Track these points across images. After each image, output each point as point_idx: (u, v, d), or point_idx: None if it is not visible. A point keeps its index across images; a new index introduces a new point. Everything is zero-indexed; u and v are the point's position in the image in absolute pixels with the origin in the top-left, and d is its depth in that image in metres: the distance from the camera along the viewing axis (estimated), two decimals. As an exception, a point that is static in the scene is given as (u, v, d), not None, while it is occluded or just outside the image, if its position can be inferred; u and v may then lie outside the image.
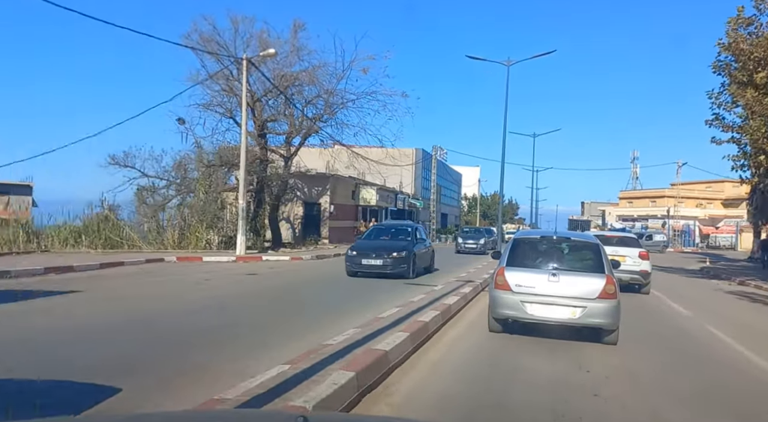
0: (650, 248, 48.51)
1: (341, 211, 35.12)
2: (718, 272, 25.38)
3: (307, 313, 10.18)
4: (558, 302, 7.91)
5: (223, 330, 8.26)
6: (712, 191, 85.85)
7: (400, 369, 6.39)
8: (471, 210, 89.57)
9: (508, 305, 8.15)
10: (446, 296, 11.14)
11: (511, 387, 6.03)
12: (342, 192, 35.64)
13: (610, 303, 7.80)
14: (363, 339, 6.76)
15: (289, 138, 29.59)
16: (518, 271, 8.24)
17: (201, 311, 9.95)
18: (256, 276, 15.87)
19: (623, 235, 17.90)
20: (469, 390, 5.93)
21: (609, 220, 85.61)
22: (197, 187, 24.44)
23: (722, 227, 68.64)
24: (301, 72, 27.38)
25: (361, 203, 38.50)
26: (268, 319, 9.26)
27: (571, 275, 8.08)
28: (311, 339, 7.06)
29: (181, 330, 8.23)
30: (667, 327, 10.50)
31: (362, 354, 5.91)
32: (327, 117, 29.37)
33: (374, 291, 13.23)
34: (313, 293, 13.36)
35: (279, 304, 11.38)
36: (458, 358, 7.30)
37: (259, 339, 7.59)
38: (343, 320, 8.74)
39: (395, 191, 45.09)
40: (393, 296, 12.00)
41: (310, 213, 33.80)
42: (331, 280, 15.77)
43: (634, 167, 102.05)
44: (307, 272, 17.94)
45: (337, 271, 16.99)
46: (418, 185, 56.23)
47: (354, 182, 37.97)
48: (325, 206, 33.73)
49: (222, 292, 12.65)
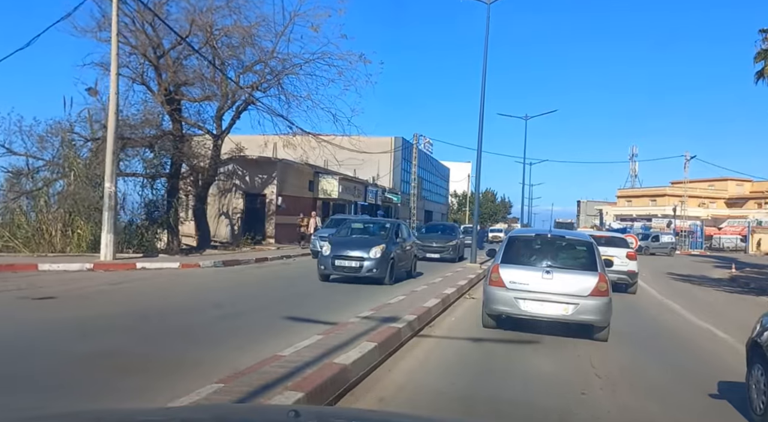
0: (657, 250, 43.58)
1: (293, 204, 29.13)
2: (761, 283, 19.59)
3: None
4: (551, 299, 8.06)
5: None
6: (714, 190, 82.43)
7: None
8: (461, 208, 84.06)
9: (501, 301, 8.31)
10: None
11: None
12: (295, 182, 29.64)
13: (602, 301, 7.94)
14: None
15: (221, 112, 23.67)
16: (512, 268, 8.39)
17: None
18: (50, 303, 9.56)
19: (611, 235, 18.25)
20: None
21: (607, 220, 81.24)
22: (69, 167, 18.42)
23: (726, 228, 64.62)
24: (234, 27, 21.46)
25: (321, 195, 32.51)
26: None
27: (565, 272, 8.26)
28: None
29: None
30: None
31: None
32: (267, 85, 23.50)
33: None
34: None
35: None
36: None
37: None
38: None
39: (365, 182, 39.06)
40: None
41: (252, 206, 27.85)
42: (180, 310, 9.76)
43: (632, 164, 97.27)
44: (166, 296, 11.92)
45: (225, 289, 11.20)
46: (396, 178, 50.30)
47: (312, 171, 31.99)
48: (271, 198, 27.77)
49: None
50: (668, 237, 46.45)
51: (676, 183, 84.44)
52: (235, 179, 27.21)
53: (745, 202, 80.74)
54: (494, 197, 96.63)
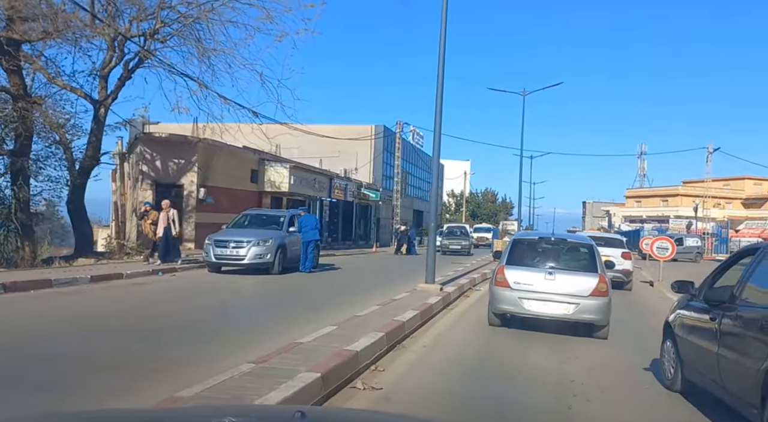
0: (681, 255, 36.36)
1: (227, 198, 22.72)
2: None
3: None
4: (553, 298, 8.44)
5: None
6: (731, 190, 77.59)
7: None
8: (459, 208, 77.95)
9: (506, 301, 8.69)
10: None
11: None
12: (226, 170, 23.17)
13: (602, 300, 8.29)
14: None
15: (106, 69, 17.38)
16: (517, 269, 8.75)
17: None
18: None
19: (609, 236, 19.88)
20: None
21: (615, 221, 75.71)
22: None
23: (743, 230, 59.05)
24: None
25: (268, 188, 26.05)
26: None
27: (566, 273, 8.64)
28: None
29: None
30: None
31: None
32: (170, 33, 17.20)
33: None
34: None
35: None
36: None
37: None
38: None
39: (331, 174, 32.56)
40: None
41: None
42: None
43: (641, 162, 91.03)
44: None
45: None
46: (377, 172, 43.81)
47: (256, 158, 25.60)
48: (190, 190, 21.39)
49: None
50: (693, 241, 39.92)
51: (688, 182, 79.36)
52: (141, 165, 20.85)
53: (763, 202, 76.99)
54: (495, 198, 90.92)
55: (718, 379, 4.88)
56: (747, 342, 4.54)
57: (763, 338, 4.27)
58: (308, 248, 15.48)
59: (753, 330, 4.48)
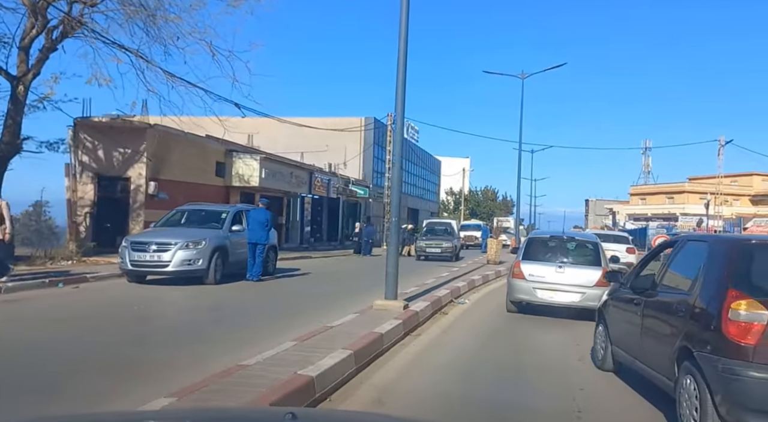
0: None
1: (185, 194, 19.91)
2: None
3: None
4: (563, 288, 9.87)
5: None
6: (738, 187, 75.37)
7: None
8: (458, 207, 75.39)
9: (522, 290, 10.13)
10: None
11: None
12: (185, 162, 20.43)
13: (605, 290, 8.56)
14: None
15: (25, 40, 14.75)
16: (531, 263, 10.20)
17: None
18: None
19: (615, 234, 23.16)
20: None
21: (620, 219, 73.39)
22: None
23: (752, 228, 56.43)
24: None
25: (236, 182, 23.33)
26: None
27: (574, 267, 10.07)
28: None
29: None
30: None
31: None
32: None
33: None
34: None
35: None
36: None
37: None
38: None
39: (311, 168, 29.79)
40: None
41: (111, 196, 18.87)
42: None
43: (645, 159, 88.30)
44: None
45: None
46: (367, 167, 41.09)
47: (223, 149, 22.91)
48: (139, 184, 18.69)
49: None
50: (707, 239, 37.27)
51: (694, 179, 76.98)
52: (81, 155, 18.19)
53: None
54: (495, 196, 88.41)
55: (641, 357, 5.40)
56: (664, 324, 5.08)
57: (676, 320, 4.79)
58: (255, 252, 12.80)
59: (669, 312, 5.00)
